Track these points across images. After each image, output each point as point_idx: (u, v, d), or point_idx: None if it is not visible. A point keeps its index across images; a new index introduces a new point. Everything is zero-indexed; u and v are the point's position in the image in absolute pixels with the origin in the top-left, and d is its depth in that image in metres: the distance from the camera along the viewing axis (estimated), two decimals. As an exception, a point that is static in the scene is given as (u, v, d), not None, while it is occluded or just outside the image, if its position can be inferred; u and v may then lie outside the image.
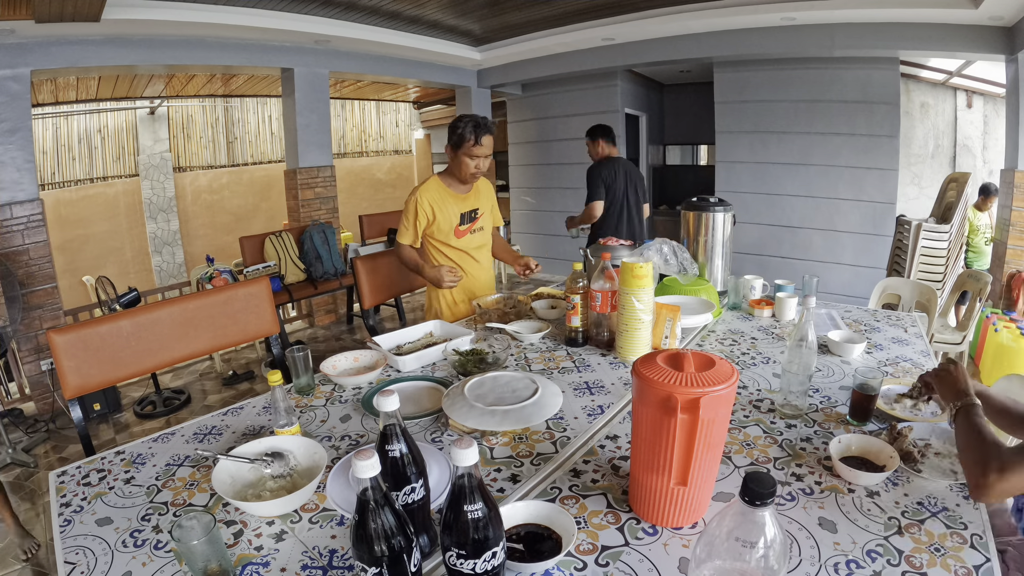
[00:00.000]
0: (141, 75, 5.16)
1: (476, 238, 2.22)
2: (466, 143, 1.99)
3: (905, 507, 0.91)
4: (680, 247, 1.97)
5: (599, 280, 1.58)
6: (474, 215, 2.19)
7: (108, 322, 1.56)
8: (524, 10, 4.36)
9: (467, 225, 2.17)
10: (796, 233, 5.14)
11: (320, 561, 0.83)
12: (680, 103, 7.02)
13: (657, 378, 0.81)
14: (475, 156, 2.02)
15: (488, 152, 2.04)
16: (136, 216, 6.76)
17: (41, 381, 3.56)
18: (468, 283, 2.22)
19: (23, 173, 3.42)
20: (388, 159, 9.09)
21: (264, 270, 4.34)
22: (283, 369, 1.79)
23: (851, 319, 1.93)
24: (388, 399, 0.76)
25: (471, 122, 1.98)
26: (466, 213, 2.16)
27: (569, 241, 6.60)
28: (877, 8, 3.66)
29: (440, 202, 2.10)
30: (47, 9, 2.92)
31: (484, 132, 1.99)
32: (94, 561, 0.86)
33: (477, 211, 2.20)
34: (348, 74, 5.36)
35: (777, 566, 0.60)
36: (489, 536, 0.66)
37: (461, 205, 2.15)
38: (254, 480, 1.02)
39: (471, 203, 2.18)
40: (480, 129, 1.98)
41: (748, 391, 1.36)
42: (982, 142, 5.19)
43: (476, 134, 1.98)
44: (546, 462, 1.07)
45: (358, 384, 1.46)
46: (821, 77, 4.74)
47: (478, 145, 1.99)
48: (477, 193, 2.21)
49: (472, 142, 1.98)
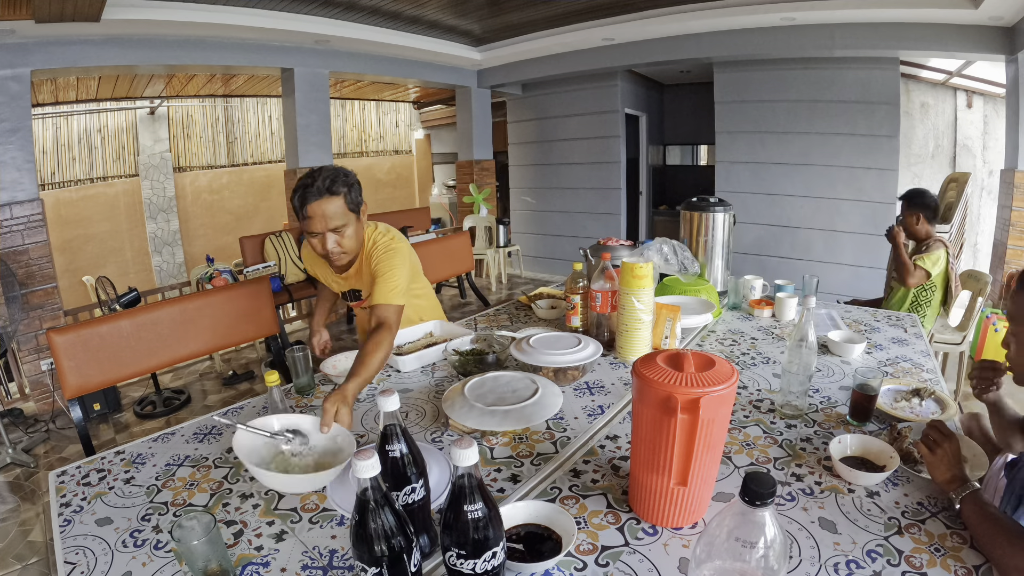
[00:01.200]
0: (141, 75, 5.16)
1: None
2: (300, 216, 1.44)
3: (905, 507, 0.91)
4: (680, 246, 1.97)
5: (599, 280, 1.58)
6: (358, 295, 1.71)
7: (108, 322, 1.56)
8: (524, 10, 4.36)
9: (356, 302, 1.73)
10: (796, 233, 5.14)
11: (320, 561, 0.83)
12: (680, 103, 7.03)
13: (657, 378, 0.81)
14: (312, 232, 1.45)
15: (333, 225, 1.43)
16: (136, 216, 6.76)
17: (41, 381, 3.56)
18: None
19: (23, 173, 3.42)
20: (388, 159, 9.09)
21: (264, 270, 4.34)
22: (283, 369, 1.79)
23: (851, 319, 1.93)
24: (388, 399, 0.76)
25: (301, 183, 1.42)
26: (347, 292, 1.72)
27: (569, 241, 6.61)
28: (877, 8, 3.66)
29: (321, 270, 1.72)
30: (47, 9, 2.92)
31: (313, 197, 1.39)
32: (94, 561, 0.86)
33: (359, 292, 1.70)
34: (348, 74, 5.36)
35: (777, 566, 0.60)
36: (489, 536, 0.66)
37: (342, 283, 1.70)
38: (267, 456, 1.02)
39: (351, 283, 1.69)
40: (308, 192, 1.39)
41: (748, 391, 1.36)
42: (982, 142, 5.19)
43: (303, 201, 1.40)
44: (546, 462, 1.07)
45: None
46: (821, 77, 4.74)
47: (306, 219, 1.42)
48: (359, 273, 1.63)
49: (300, 216, 1.43)
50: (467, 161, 6.51)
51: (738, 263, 2.39)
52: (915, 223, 2.71)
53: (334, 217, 1.43)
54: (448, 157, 9.42)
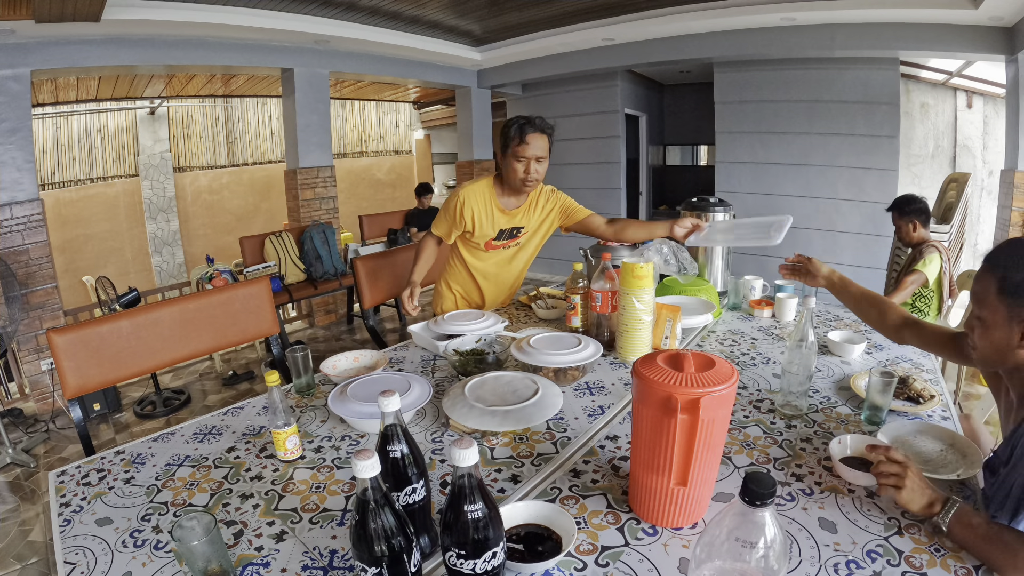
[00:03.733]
0: (141, 75, 5.17)
1: (508, 253, 2.02)
2: (511, 143, 1.77)
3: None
4: (680, 247, 1.97)
5: (599, 280, 1.58)
6: (515, 233, 1.96)
7: (108, 322, 1.56)
8: (524, 10, 4.36)
9: (503, 241, 1.96)
10: (796, 233, 5.10)
11: (320, 561, 0.83)
12: (680, 103, 7.03)
13: (657, 378, 0.81)
14: (521, 157, 1.77)
15: (539, 154, 1.79)
16: (136, 216, 6.76)
17: (41, 381, 3.56)
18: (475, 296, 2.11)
19: (23, 173, 3.42)
20: (388, 159, 9.09)
21: (264, 270, 4.34)
22: (283, 369, 1.79)
23: (852, 319, 1.93)
24: (389, 399, 0.76)
25: (518, 120, 1.77)
26: (506, 230, 1.94)
27: (569, 241, 6.61)
28: (877, 8, 3.66)
29: (482, 212, 1.90)
30: (47, 9, 2.92)
31: (531, 129, 1.75)
32: (94, 561, 0.86)
33: (521, 230, 1.97)
34: (348, 74, 5.36)
35: (777, 566, 0.60)
36: (489, 536, 0.66)
37: (504, 220, 1.93)
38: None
39: (518, 220, 1.95)
40: (528, 126, 1.75)
41: (748, 391, 1.36)
42: (982, 142, 5.19)
43: (522, 131, 1.74)
44: (546, 462, 1.07)
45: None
46: (821, 77, 4.74)
47: (523, 144, 1.75)
48: (530, 209, 1.96)
49: (517, 140, 1.75)
50: (467, 161, 6.51)
51: (738, 263, 2.39)
52: (912, 230, 2.70)
53: (541, 148, 1.79)
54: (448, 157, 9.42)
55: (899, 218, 2.74)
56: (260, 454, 1.15)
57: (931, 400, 1.26)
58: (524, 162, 1.78)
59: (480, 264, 2.03)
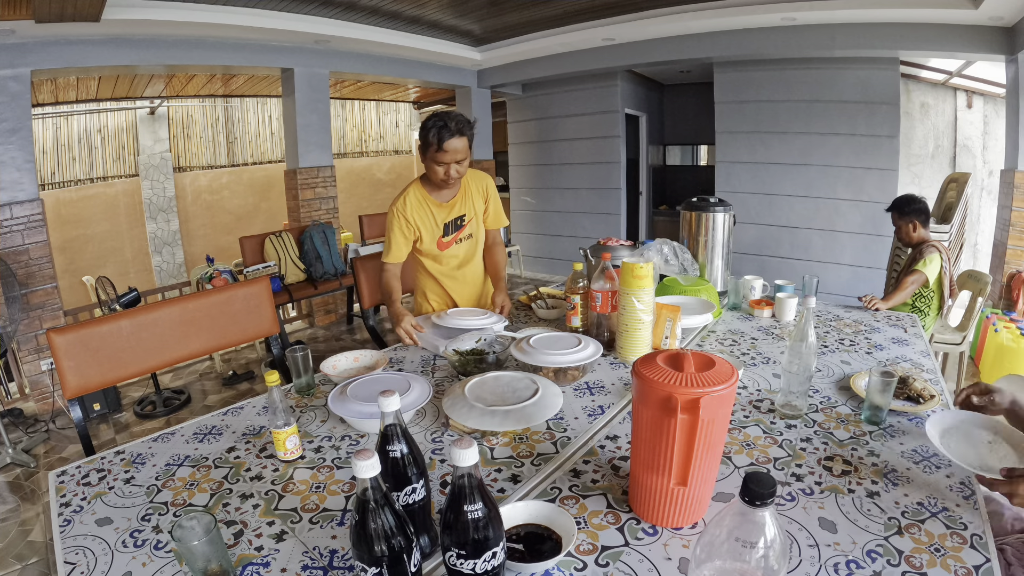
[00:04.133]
0: (141, 75, 5.16)
1: (463, 248, 2.01)
2: (430, 148, 1.75)
3: (905, 507, 0.91)
4: (681, 247, 1.97)
5: (599, 280, 1.58)
6: (460, 222, 1.96)
7: (108, 322, 1.56)
8: (524, 10, 4.36)
9: (452, 236, 1.96)
10: (796, 233, 5.14)
11: (320, 561, 0.83)
12: (680, 103, 7.03)
13: (657, 378, 0.81)
14: (441, 163, 1.76)
15: (458, 157, 1.77)
16: (136, 216, 6.75)
17: (41, 381, 3.56)
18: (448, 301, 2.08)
19: (23, 173, 3.42)
20: (388, 159, 9.09)
21: (264, 270, 4.34)
22: (283, 369, 1.79)
23: (852, 319, 1.93)
24: (389, 399, 0.76)
25: (435, 124, 1.72)
26: (450, 222, 1.94)
27: (569, 241, 6.61)
28: (877, 8, 3.66)
29: (421, 213, 1.89)
30: (47, 9, 2.92)
31: (449, 135, 1.71)
32: (94, 561, 0.86)
33: (463, 218, 1.96)
34: (348, 74, 5.36)
35: (777, 566, 0.60)
36: (489, 536, 0.66)
37: (444, 213, 1.93)
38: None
39: (457, 209, 1.94)
40: (444, 132, 1.71)
41: (748, 391, 1.36)
42: (982, 142, 5.19)
43: (439, 137, 1.71)
44: (546, 462, 1.07)
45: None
46: (821, 77, 4.74)
47: (440, 151, 1.73)
48: (464, 196, 1.96)
49: (435, 147, 1.73)
50: (467, 161, 6.50)
51: (738, 263, 2.40)
52: (912, 230, 2.70)
53: (461, 151, 1.76)
54: (448, 157, 9.39)
55: (899, 218, 2.74)
56: (260, 454, 1.15)
57: (931, 400, 1.26)
58: (444, 166, 1.78)
59: (442, 267, 2.03)
